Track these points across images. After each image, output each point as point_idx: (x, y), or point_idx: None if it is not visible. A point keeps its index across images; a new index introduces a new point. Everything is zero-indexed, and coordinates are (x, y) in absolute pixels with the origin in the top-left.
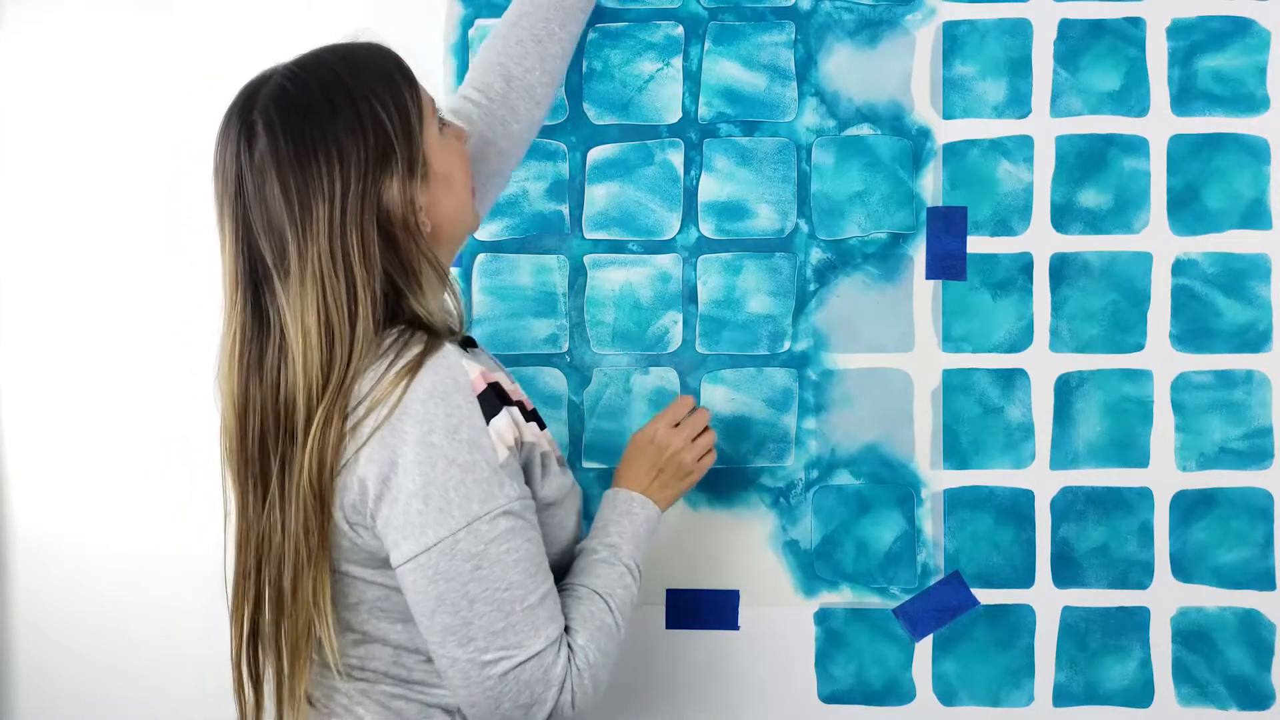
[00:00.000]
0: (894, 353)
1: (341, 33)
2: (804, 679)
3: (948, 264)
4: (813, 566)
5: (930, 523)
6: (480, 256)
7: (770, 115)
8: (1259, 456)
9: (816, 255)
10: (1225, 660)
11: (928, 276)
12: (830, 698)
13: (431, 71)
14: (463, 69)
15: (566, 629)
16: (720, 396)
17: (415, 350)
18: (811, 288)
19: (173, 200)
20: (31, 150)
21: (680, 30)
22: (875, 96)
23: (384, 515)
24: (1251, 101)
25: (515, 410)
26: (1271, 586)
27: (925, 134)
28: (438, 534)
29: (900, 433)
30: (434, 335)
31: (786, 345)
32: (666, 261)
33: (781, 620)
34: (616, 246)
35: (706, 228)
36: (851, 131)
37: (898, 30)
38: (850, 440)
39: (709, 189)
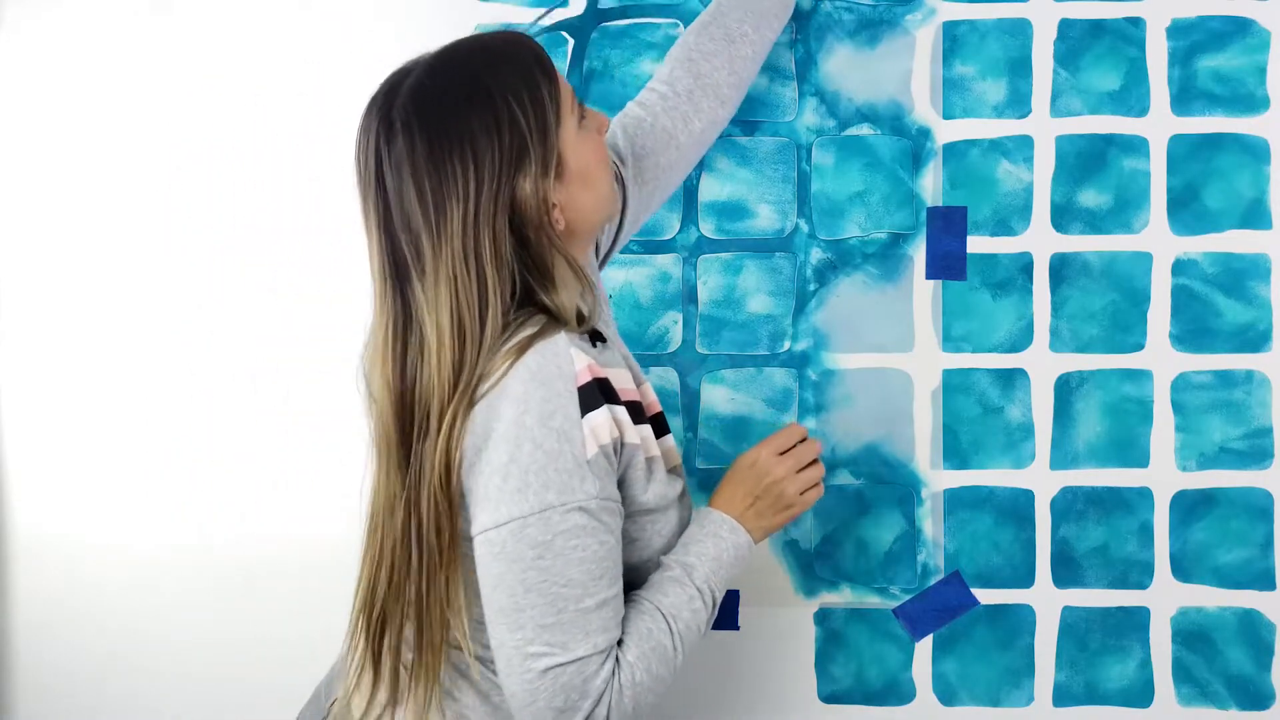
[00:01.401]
0: (894, 353)
1: (341, 33)
2: (804, 679)
3: (948, 264)
4: (813, 566)
5: (930, 523)
6: None
7: (770, 115)
8: (1259, 456)
9: (816, 255)
10: (1225, 660)
11: (928, 276)
12: (830, 698)
13: None
14: None
15: (620, 643)
16: (720, 396)
17: (527, 332)
18: (811, 288)
19: (172, 199)
20: (31, 149)
21: (680, 30)
22: (875, 96)
23: (468, 485)
24: (1251, 101)
25: (621, 410)
26: (1271, 586)
27: (925, 134)
28: (509, 513)
29: (900, 433)
30: (552, 320)
31: (786, 345)
32: (666, 261)
33: (781, 620)
34: None
35: (707, 228)
36: (851, 131)
37: (898, 30)
38: (850, 440)
39: (709, 189)
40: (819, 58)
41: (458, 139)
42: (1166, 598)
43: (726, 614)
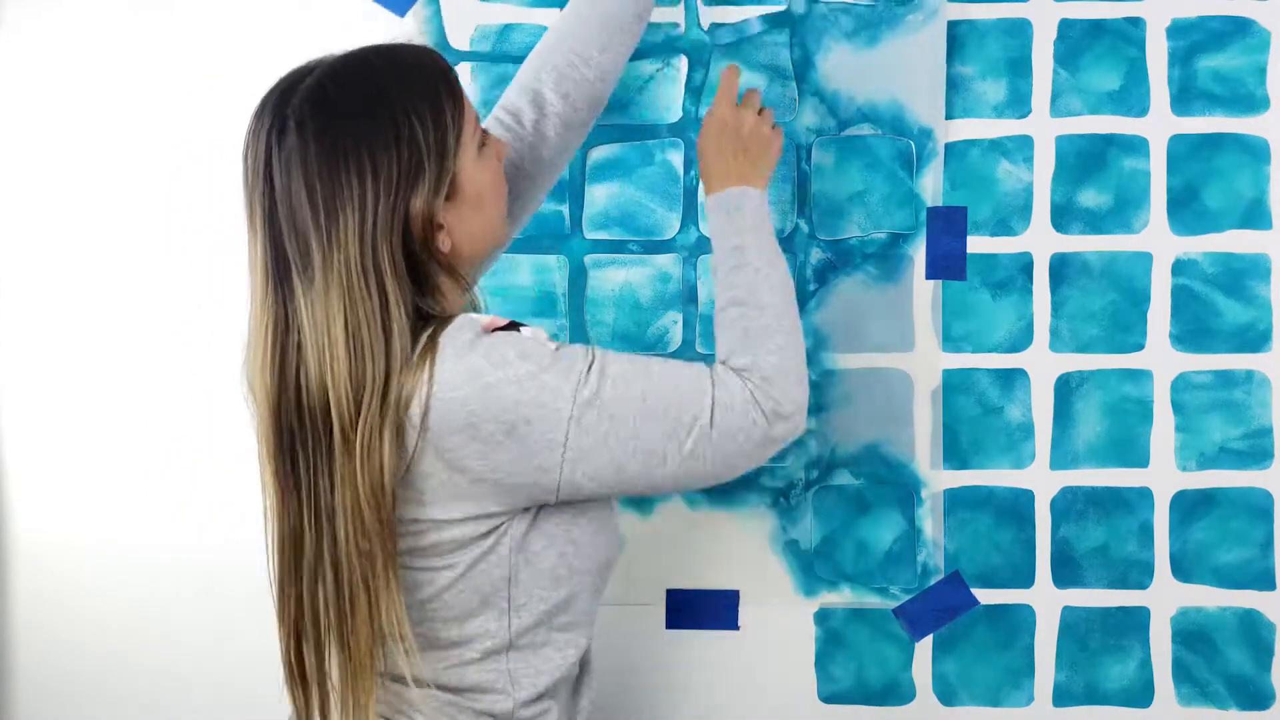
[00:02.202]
0: (894, 353)
1: (340, 32)
2: (804, 679)
3: (948, 264)
4: (813, 566)
5: (930, 523)
6: None
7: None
8: (1259, 456)
9: (816, 255)
10: (1225, 660)
11: (928, 276)
12: (830, 698)
13: None
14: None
15: (724, 363)
16: None
17: (427, 333)
18: (811, 288)
19: (173, 199)
20: (31, 149)
21: (681, 30)
22: (876, 96)
23: (501, 461)
24: (1251, 101)
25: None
26: (1271, 586)
27: (927, 133)
28: (560, 434)
29: (900, 433)
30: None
31: None
32: (666, 261)
33: (781, 620)
34: (616, 246)
35: (706, 228)
36: (852, 131)
37: (899, 29)
38: (850, 440)
39: None
40: (816, 59)
41: (354, 148)
42: (1166, 598)
43: (726, 614)
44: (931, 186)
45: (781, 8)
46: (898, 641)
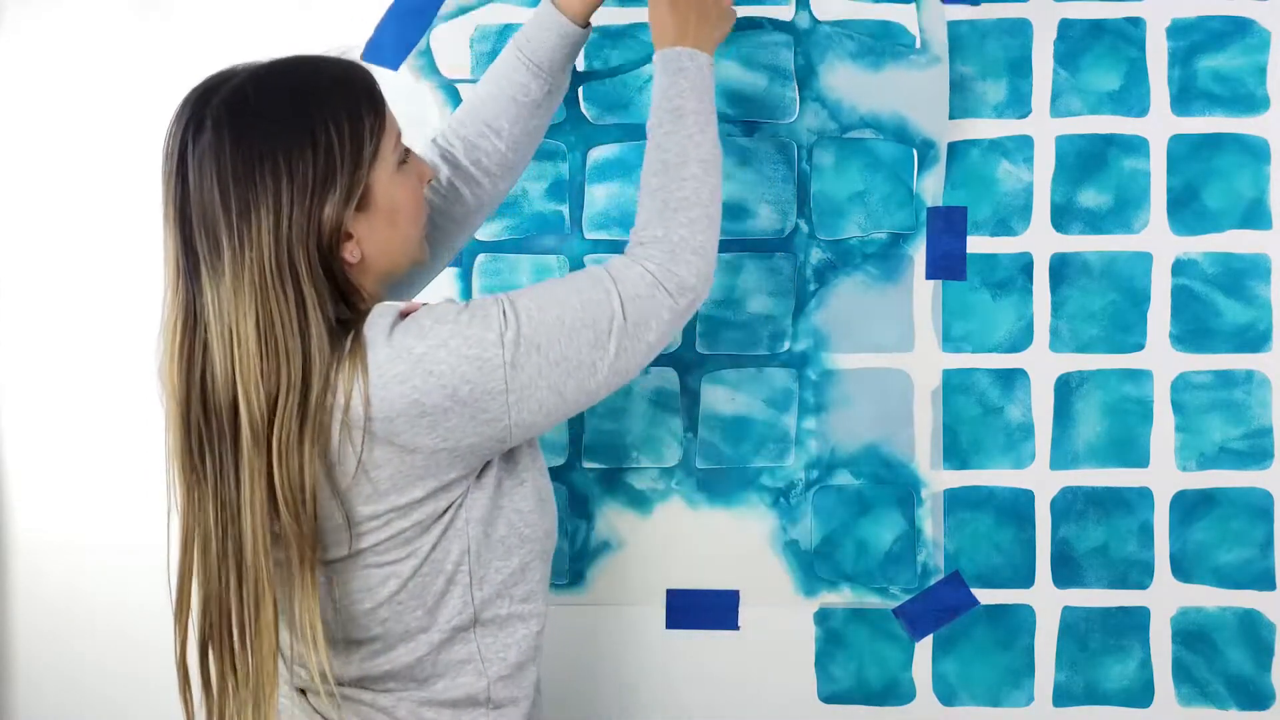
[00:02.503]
0: (894, 353)
1: (339, 33)
2: (804, 679)
3: (948, 264)
4: (813, 566)
5: (930, 523)
6: (480, 257)
7: (770, 115)
8: (1259, 456)
9: (816, 255)
10: (1225, 660)
11: (928, 276)
12: (830, 698)
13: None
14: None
15: (637, 234)
16: (720, 396)
17: (350, 334)
18: (811, 288)
19: None
20: (31, 150)
21: None
22: (879, 109)
23: (453, 427)
24: (1251, 101)
25: None
26: (1271, 586)
27: (930, 144)
28: (499, 382)
29: (900, 433)
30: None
31: (786, 345)
32: None
33: (781, 620)
34: (616, 247)
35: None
36: (854, 135)
37: (901, 63)
38: (850, 440)
39: None
40: (820, 68)
41: (269, 150)
42: (1166, 598)
43: (726, 614)
44: (932, 188)
45: (787, 15)
46: (898, 641)
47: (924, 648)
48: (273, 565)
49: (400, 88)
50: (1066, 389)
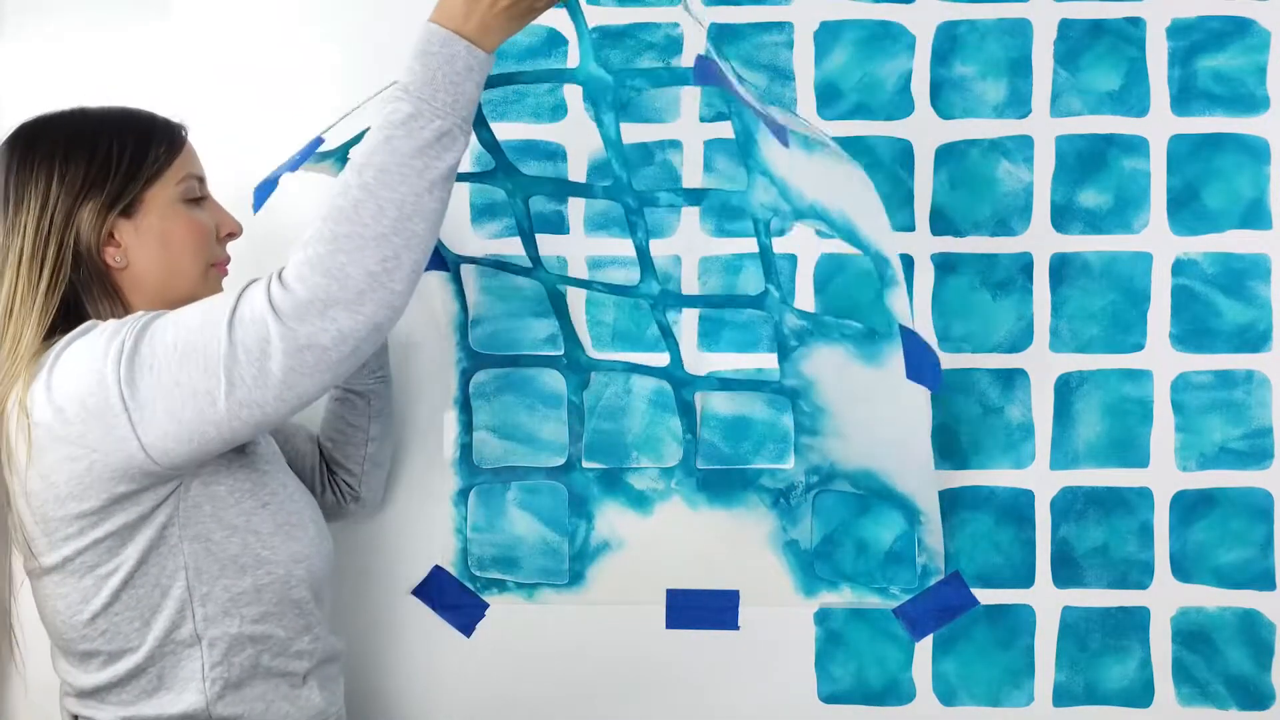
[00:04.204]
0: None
1: (341, 35)
2: (804, 679)
3: (922, 375)
4: (813, 566)
5: (932, 538)
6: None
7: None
8: (1259, 456)
9: (791, 321)
10: (1225, 660)
11: (908, 377)
12: (830, 698)
13: None
14: None
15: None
16: (720, 396)
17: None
18: (792, 344)
19: None
20: None
21: (681, 30)
22: (825, 201)
23: (93, 441)
24: (1251, 101)
25: None
26: (1271, 586)
27: (884, 261)
28: (116, 399)
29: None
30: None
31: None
32: (666, 262)
33: (781, 620)
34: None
35: (707, 227)
36: (806, 225)
37: (830, 153)
38: (849, 459)
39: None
40: (757, 137)
41: (49, 154)
42: (1166, 598)
43: (726, 614)
44: (900, 306)
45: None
46: (898, 641)
47: (924, 648)
48: None
49: None
50: (1066, 389)
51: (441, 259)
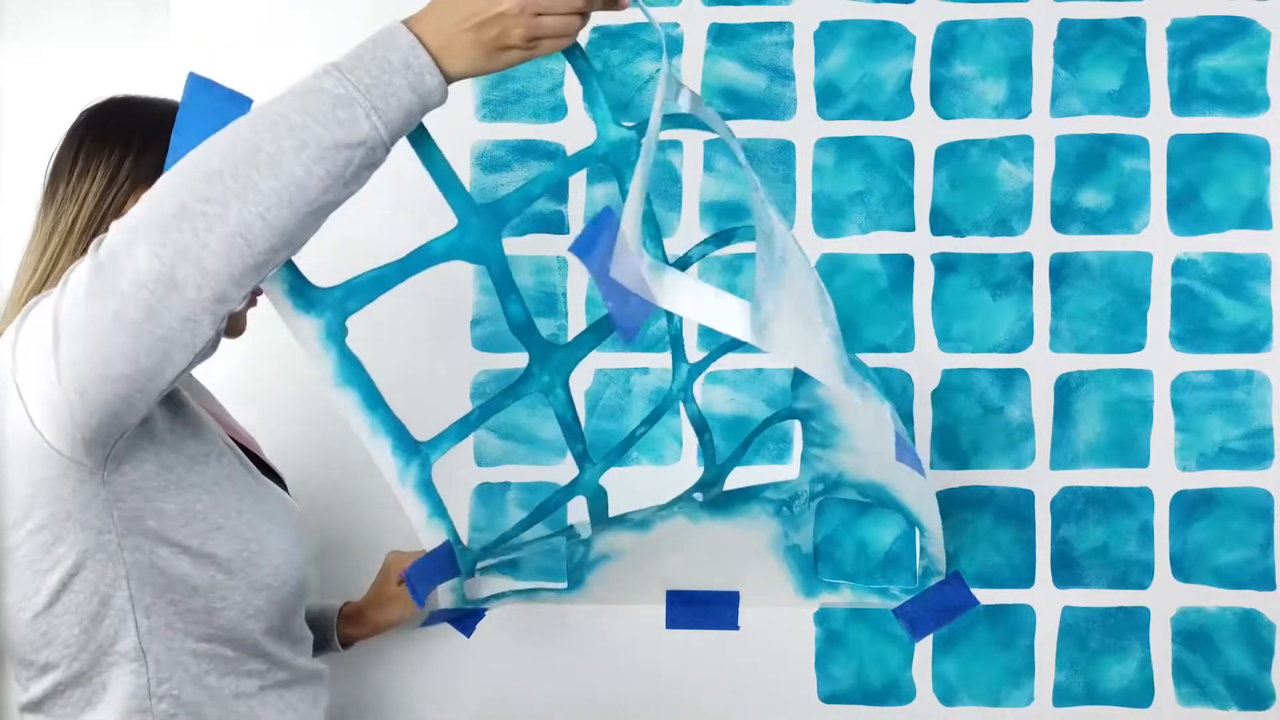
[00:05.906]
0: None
1: (341, 36)
2: (804, 679)
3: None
4: (813, 566)
5: (934, 549)
6: None
7: (770, 115)
8: (1259, 456)
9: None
10: (1225, 660)
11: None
12: (830, 698)
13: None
14: None
15: None
16: (720, 396)
17: None
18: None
19: None
20: (32, 151)
21: (680, 30)
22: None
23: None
24: (1251, 101)
25: None
26: (1271, 586)
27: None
28: (9, 380)
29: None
30: None
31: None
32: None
33: (781, 620)
34: None
35: (706, 228)
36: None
37: None
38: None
39: (709, 189)
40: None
41: (130, 132)
42: (1166, 598)
43: (727, 614)
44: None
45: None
46: (898, 641)
47: (924, 648)
48: None
49: None
50: (1066, 389)
51: (454, 564)
